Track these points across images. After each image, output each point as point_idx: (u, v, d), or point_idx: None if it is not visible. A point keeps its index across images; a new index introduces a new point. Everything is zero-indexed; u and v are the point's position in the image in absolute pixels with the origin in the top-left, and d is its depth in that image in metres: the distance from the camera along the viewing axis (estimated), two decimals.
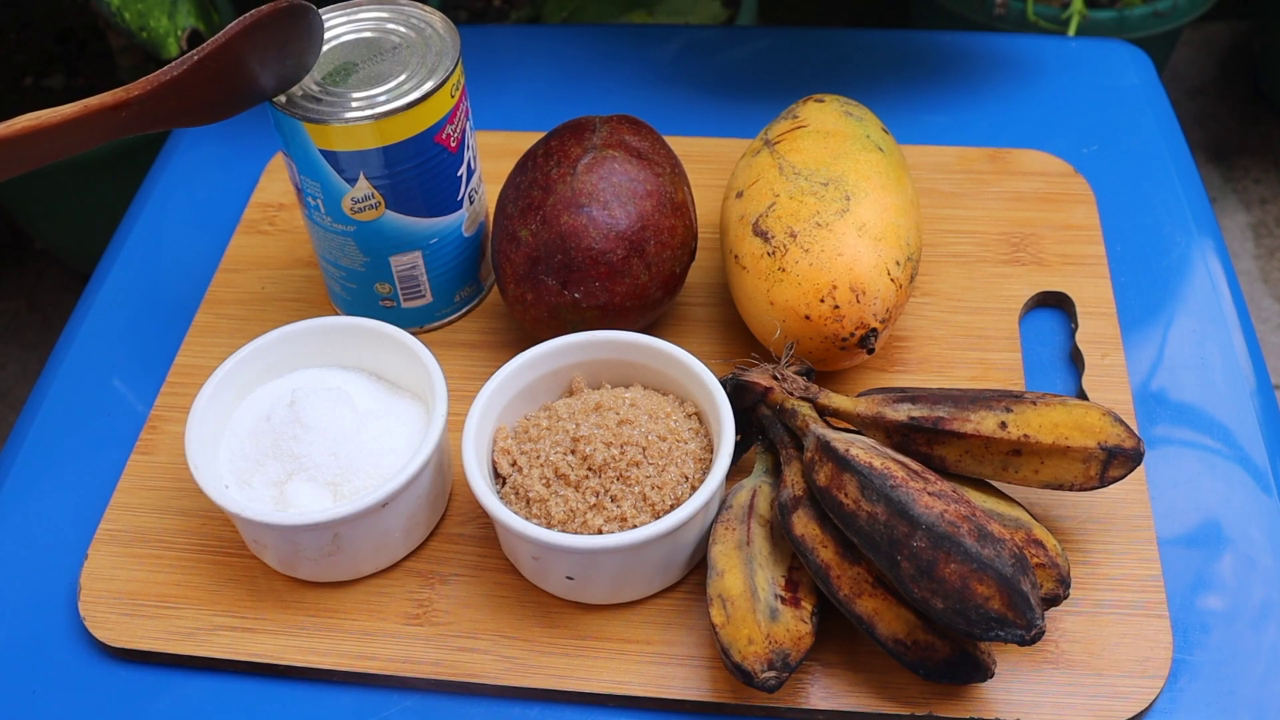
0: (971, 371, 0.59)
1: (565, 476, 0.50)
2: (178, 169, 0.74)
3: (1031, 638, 0.43)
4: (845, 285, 0.53)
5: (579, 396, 0.54)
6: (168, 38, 0.72)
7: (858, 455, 0.47)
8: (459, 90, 0.57)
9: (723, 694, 0.48)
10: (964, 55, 0.78)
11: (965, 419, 0.49)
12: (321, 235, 0.59)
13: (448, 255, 0.60)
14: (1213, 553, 0.52)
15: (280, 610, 0.52)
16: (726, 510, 0.50)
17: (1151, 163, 0.70)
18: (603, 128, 0.58)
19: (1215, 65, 1.67)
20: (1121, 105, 0.74)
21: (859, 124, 0.59)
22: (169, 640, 0.51)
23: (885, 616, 0.46)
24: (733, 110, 0.75)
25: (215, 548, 0.54)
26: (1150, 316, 0.62)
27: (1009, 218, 0.66)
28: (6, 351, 1.42)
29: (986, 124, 0.73)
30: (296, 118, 0.54)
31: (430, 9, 0.58)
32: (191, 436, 0.51)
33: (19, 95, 1.29)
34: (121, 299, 0.66)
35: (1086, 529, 0.52)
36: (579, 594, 0.51)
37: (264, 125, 0.74)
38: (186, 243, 0.69)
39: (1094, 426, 0.48)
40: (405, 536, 0.52)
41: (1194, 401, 0.58)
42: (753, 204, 0.56)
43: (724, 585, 0.47)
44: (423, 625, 0.51)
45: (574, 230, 0.55)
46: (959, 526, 0.44)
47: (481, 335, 0.63)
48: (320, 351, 0.56)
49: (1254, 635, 0.50)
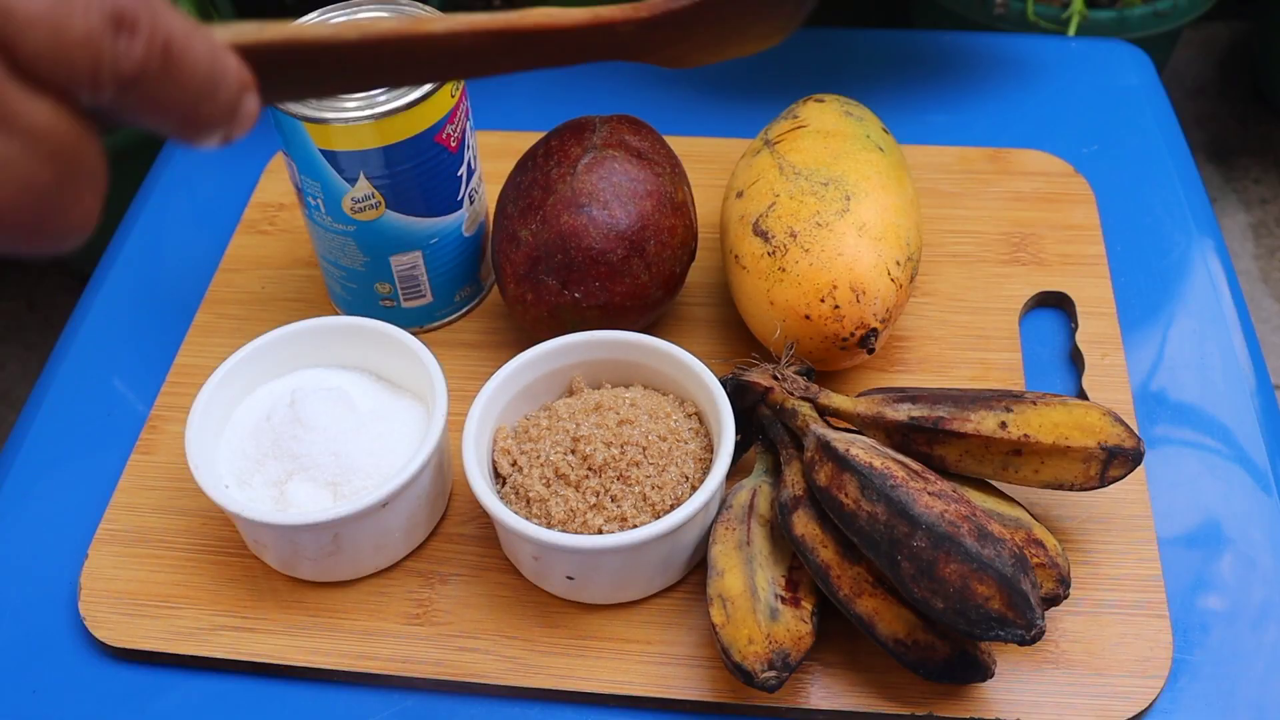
0: (971, 371, 0.59)
1: (565, 476, 0.50)
2: (178, 169, 0.74)
3: (1031, 638, 0.43)
4: (845, 285, 0.53)
5: (579, 396, 0.54)
6: None
7: (858, 455, 0.47)
8: (459, 90, 0.57)
9: (723, 694, 0.48)
10: (964, 55, 0.78)
11: (965, 419, 0.49)
12: (321, 235, 0.59)
13: (448, 255, 0.60)
14: (1213, 553, 0.52)
15: (280, 610, 0.52)
16: (726, 510, 0.50)
17: (1151, 163, 0.70)
18: (603, 128, 0.58)
19: (1215, 65, 1.67)
20: (1121, 105, 0.74)
21: (859, 124, 0.59)
22: (169, 640, 0.51)
23: (885, 616, 0.46)
24: (733, 110, 0.75)
25: (215, 548, 0.54)
26: (1150, 316, 0.62)
27: (1009, 218, 0.66)
28: (6, 351, 1.42)
29: (986, 124, 0.73)
30: (296, 117, 0.54)
31: (430, 9, 0.58)
32: (192, 436, 0.51)
33: None
34: (121, 299, 0.66)
35: (1086, 529, 0.52)
36: (579, 594, 0.51)
37: (264, 125, 0.73)
38: (186, 243, 0.69)
39: (1094, 426, 0.48)
40: (405, 536, 0.52)
41: (1194, 401, 0.58)
42: (753, 204, 0.56)
43: (724, 585, 0.47)
44: (423, 625, 0.51)
45: (574, 230, 0.55)
46: (959, 526, 0.44)
47: (481, 335, 0.63)
48: (320, 351, 0.56)
49: (1254, 635, 0.50)
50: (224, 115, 0.29)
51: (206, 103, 0.28)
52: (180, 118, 0.27)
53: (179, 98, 0.27)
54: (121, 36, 0.25)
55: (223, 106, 0.28)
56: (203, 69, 0.27)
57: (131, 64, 0.25)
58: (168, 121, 0.27)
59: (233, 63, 0.29)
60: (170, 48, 0.26)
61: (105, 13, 0.25)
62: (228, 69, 0.28)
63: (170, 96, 0.27)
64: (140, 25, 0.25)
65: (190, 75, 0.27)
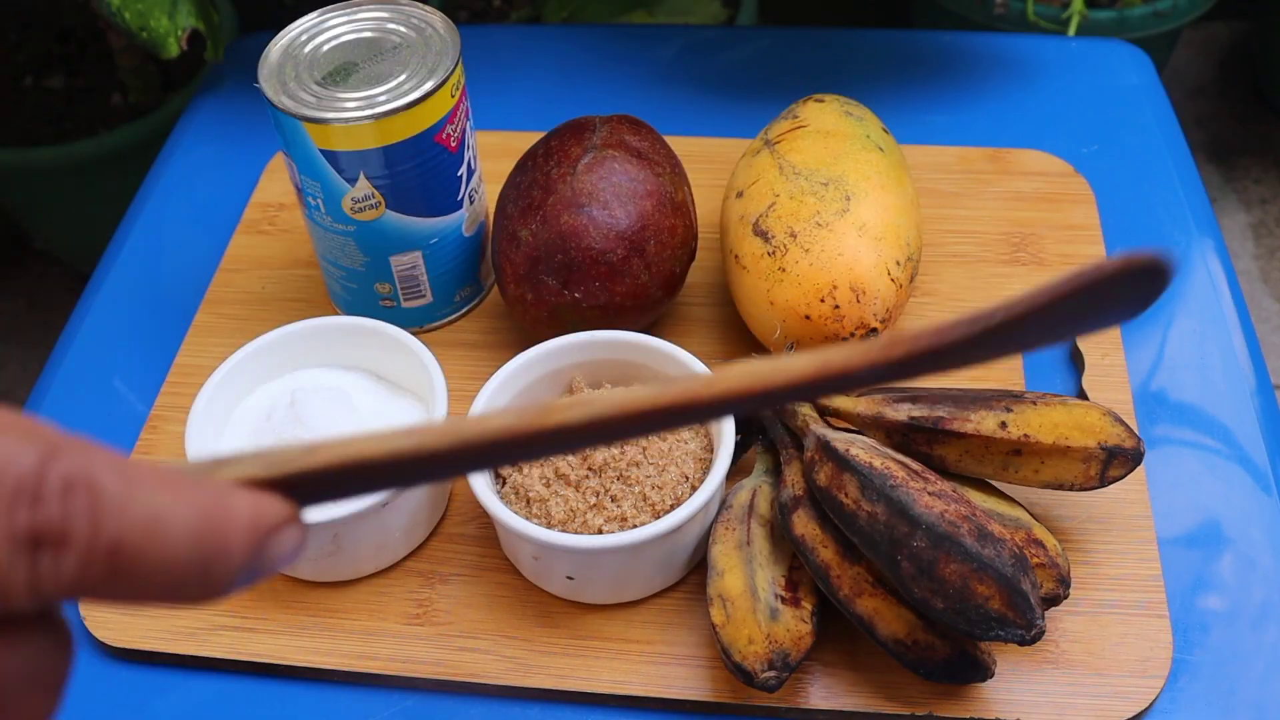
0: (971, 371, 0.59)
1: (565, 476, 0.50)
2: (178, 169, 0.74)
3: (1031, 638, 0.43)
4: (845, 285, 0.53)
5: (579, 397, 0.54)
6: (168, 38, 0.72)
7: (858, 455, 0.47)
8: (459, 90, 0.57)
9: (723, 694, 0.48)
10: (964, 55, 0.78)
11: (965, 419, 0.49)
12: (322, 235, 0.59)
13: (448, 255, 0.60)
14: (1213, 553, 0.52)
15: (280, 610, 0.52)
16: (726, 510, 0.50)
17: (1151, 163, 0.70)
18: (603, 128, 0.58)
19: (1215, 65, 1.67)
20: (1121, 105, 0.74)
21: (859, 124, 0.59)
22: (170, 640, 0.51)
23: (885, 616, 0.46)
24: (733, 110, 0.75)
25: None
26: (1150, 316, 0.62)
27: (1009, 218, 0.66)
28: (6, 351, 1.42)
29: (986, 124, 0.73)
30: (297, 118, 0.54)
31: (430, 9, 0.58)
32: (192, 436, 0.51)
33: (19, 95, 1.29)
34: (121, 299, 0.66)
35: (1086, 529, 0.52)
36: (579, 594, 0.51)
37: (264, 125, 0.73)
38: (186, 243, 0.69)
39: (1094, 426, 0.48)
40: (405, 536, 0.52)
41: (1194, 401, 0.58)
42: (753, 204, 0.56)
43: (724, 585, 0.47)
44: (423, 625, 0.51)
45: (574, 230, 0.55)
46: (959, 526, 0.44)
47: (481, 335, 0.63)
48: (320, 351, 0.56)
49: (1254, 635, 0.50)
50: (228, 579, 0.22)
51: (195, 581, 0.21)
52: (161, 600, 0.21)
53: (148, 590, 0.21)
54: (43, 560, 0.20)
55: (225, 572, 0.21)
56: (180, 551, 0.21)
57: (62, 585, 0.20)
58: (145, 604, 0.21)
59: (241, 518, 0.22)
60: (120, 550, 0.20)
61: (15, 539, 0.19)
62: (228, 533, 0.21)
63: (133, 591, 0.21)
64: (72, 537, 0.20)
65: (160, 564, 0.21)
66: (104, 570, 0.20)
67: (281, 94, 0.54)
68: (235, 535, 0.21)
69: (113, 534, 0.20)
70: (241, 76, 0.79)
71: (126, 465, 0.21)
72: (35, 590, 0.20)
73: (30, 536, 0.19)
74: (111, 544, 0.20)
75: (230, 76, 0.80)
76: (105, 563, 0.20)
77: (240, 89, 0.79)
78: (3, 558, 0.19)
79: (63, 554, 0.20)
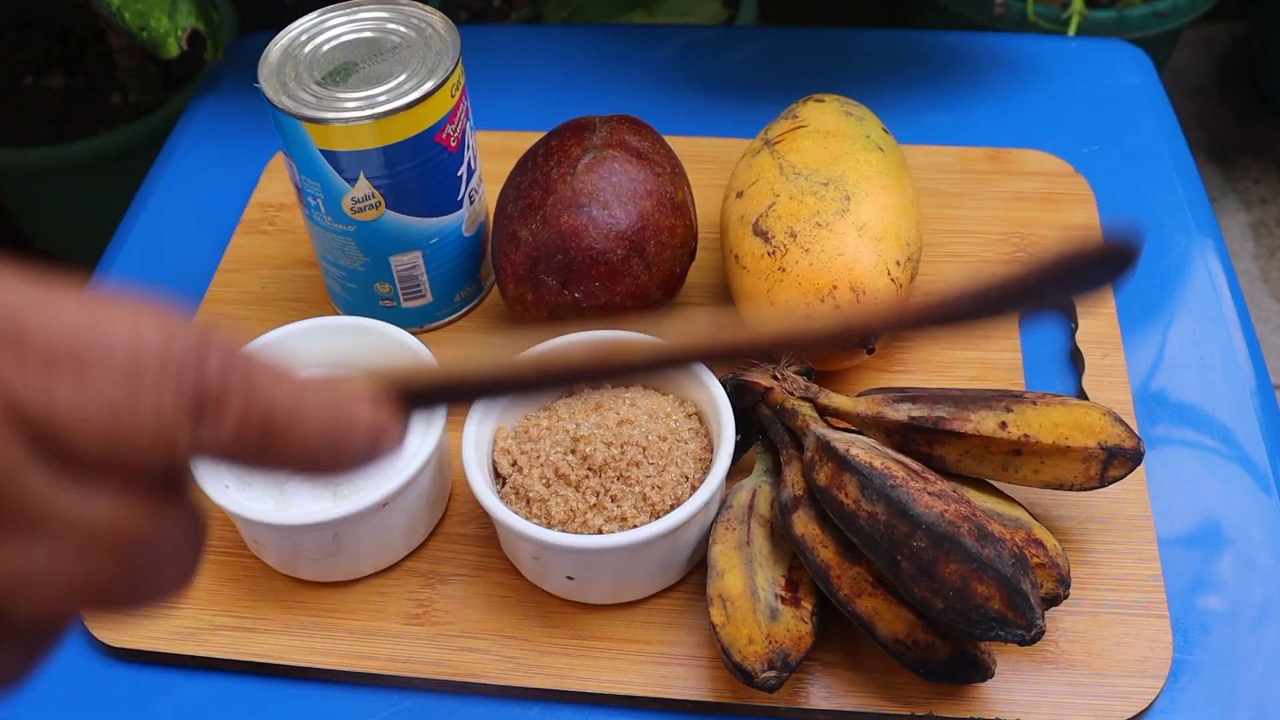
0: (971, 371, 0.59)
1: (565, 476, 0.50)
2: (178, 169, 0.74)
3: (1031, 637, 0.43)
4: (845, 285, 0.53)
5: (579, 396, 0.54)
6: (168, 38, 0.72)
7: (858, 455, 0.47)
8: (459, 90, 0.57)
9: (723, 694, 0.48)
10: (964, 55, 0.78)
11: (965, 419, 0.49)
12: (321, 235, 0.59)
13: (448, 255, 0.60)
14: (1213, 553, 0.52)
15: (280, 610, 0.52)
16: (726, 510, 0.50)
17: (1151, 163, 0.70)
18: (603, 128, 0.58)
19: (1215, 65, 1.67)
20: (1121, 105, 0.74)
21: (859, 124, 0.59)
22: (170, 640, 0.51)
23: (885, 616, 0.46)
24: (733, 110, 0.75)
25: (215, 548, 0.54)
26: (1150, 316, 0.62)
27: (1009, 218, 0.66)
28: None
29: (986, 124, 0.73)
30: (297, 118, 0.54)
31: (430, 9, 0.58)
32: None
33: (19, 95, 1.29)
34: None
35: (1086, 529, 0.52)
36: (579, 594, 0.51)
37: (264, 125, 0.73)
38: (186, 243, 0.69)
39: (1094, 426, 0.48)
40: (405, 536, 0.52)
41: (1194, 401, 0.58)
42: (753, 204, 0.56)
43: (724, 585, 0.47)
44: (423, 625, 0.51)
45: (574, 230, 0.55)
46: (959, 526, 0.44)
47: (481, 335, 0.63)
48: (320, 351, 0.56)
49: (1254, 635, 0.50)
50: (352, 462, 0.25)
51: (327, 458, 0.24)
52: (295, 472, 0.24)
53: (289, 460, 0.24)
54: (205, 422, 0.22)
55: (350, 456, 0.25)
56: (318, 431, 0.24)
57: (220, 445, 0.23)
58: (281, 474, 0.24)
59: (364, 415, 0.25)
60: (271, 421, 0.23)
61: (183, 401, 0.22)
62: (355, 424, 0.25)
63: (277, 459, 0.24)
64: (229, 405, 0.22)
65: (301, 440, 0.24)
66: (256, 436, 0.23)
67: (281, 94, 0.54)
68: (359, 429, 0.25)
69: (264, 406, 0.23)
70: (241, 76, 0.79)
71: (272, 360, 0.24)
72: (197, 448, 0.22)
73: (195, 401, 0.22)
74: (264, 415, 0.23)
75: (230, 76, 0.80)
76: (258, 430, 0.23)
77: (240, 89, 0.79)
78: (171, 418, 0.22)
79: (223, 417, 0.22)
